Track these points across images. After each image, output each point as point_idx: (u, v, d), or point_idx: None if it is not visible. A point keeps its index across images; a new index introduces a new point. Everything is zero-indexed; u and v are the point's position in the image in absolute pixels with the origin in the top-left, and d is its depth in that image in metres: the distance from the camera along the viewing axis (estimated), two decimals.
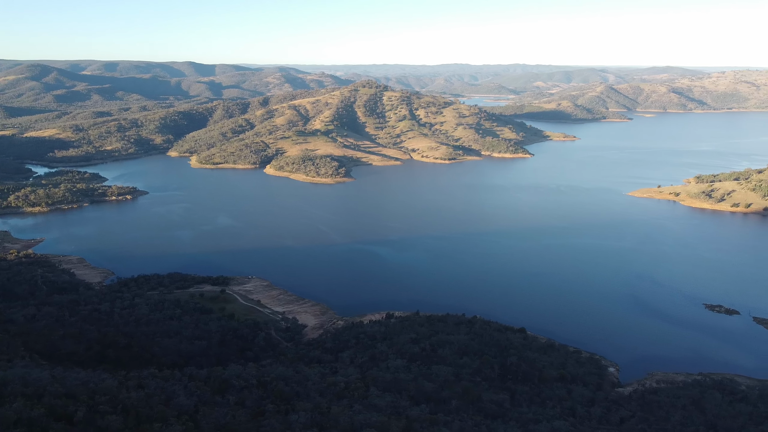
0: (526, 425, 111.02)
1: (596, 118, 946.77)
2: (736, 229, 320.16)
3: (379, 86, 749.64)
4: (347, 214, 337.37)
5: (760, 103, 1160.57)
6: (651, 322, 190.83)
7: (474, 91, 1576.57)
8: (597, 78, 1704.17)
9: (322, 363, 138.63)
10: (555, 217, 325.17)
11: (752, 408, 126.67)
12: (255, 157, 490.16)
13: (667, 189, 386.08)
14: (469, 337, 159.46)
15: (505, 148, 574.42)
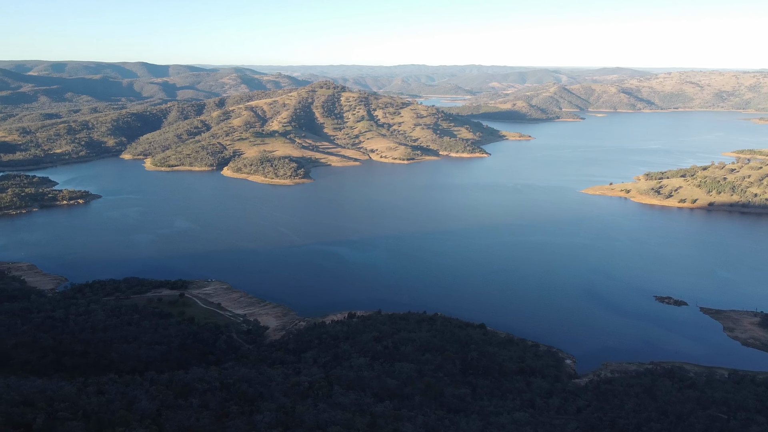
0: (488, 417, 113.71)
1: (550, 118, 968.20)
2: (683, 224, 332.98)
3: (337, 87, 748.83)
4: (307, 215, 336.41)
5: (704, 102, 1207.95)
6: (605, 315, 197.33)
7: (431, 92, 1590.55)
8: (550, 79, 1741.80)
9: (285, 364, 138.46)
10: (512, 215, 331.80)
11: (700, 393, 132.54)
12: (212, 159, 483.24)
13: (618, 186, 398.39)
14: (431, 334, 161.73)
15: (462, 148, 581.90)
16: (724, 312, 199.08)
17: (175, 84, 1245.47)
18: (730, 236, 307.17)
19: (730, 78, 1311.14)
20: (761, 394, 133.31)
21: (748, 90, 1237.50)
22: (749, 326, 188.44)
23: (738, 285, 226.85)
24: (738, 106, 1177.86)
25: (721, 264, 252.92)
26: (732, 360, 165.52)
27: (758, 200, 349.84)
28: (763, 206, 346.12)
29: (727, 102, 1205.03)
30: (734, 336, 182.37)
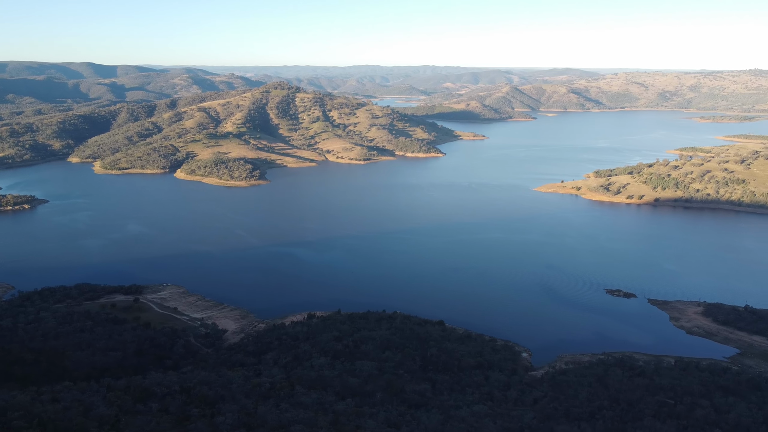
0: (448, 411, 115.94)
1: (503, 118, 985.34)
2: (631, 219, 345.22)
3: (291, 88, 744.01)
4: (263, 217, 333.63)
5: (649, 102, 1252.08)
6: (559, 309, 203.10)
7: (386, 92, 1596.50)
8: (503, 79, 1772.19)
9: (246, 366, 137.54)
10: (468, 214, 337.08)
11: (648, 381, 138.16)
12: (164, 161, 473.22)
13: (569, 184, 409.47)
14: (391, 332, 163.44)
15: (418, 148, 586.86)
16: (671, 303, 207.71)
17: (124, 85, 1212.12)
18: (674, 230, 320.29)
19: (673, 79, 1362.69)
20: (705, 379, 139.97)
21: (689, 90, 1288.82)
22: (694, 315, 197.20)
23: (683, 276, 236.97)
24: (680, 105, 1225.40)
25: (667, 257, 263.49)
26: (678, 348, 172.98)
27: (700, 195, 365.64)
28: (704, 201, 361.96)
29: (670, 102, 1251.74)
30: (680, 325, 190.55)
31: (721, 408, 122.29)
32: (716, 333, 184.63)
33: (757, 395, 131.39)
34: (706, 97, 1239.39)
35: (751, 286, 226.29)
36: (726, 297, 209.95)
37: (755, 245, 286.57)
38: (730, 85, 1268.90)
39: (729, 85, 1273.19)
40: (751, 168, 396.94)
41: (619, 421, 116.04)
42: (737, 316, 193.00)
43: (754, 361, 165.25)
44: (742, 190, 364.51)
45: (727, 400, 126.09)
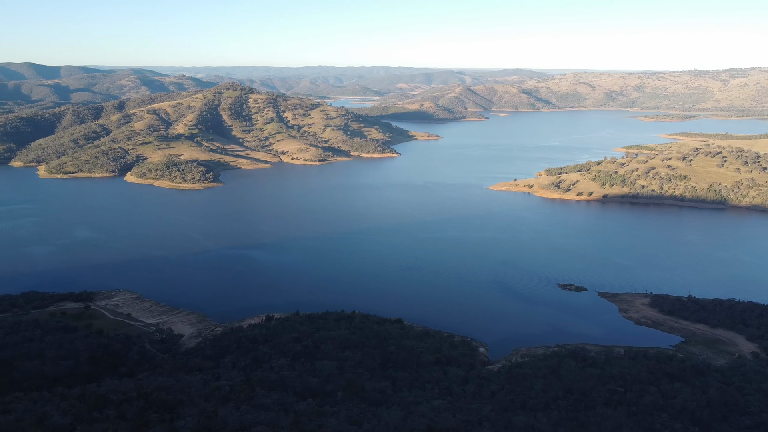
0: (408, 407, 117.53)
1: (456, 118, 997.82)
2: (581, 216, 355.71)
3: (244, 89, 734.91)
4: (218, 220, 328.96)
5: (596, 102, 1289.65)
6: (514, 304, 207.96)
7: (339, 93, 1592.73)
8: (455, 79, 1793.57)
9: (204, 370, 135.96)
10: (424, 213, 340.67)
11: (600, 371, 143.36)
12: (113, 164, 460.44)
13: (522, 182, 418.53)
14: (350, 331, 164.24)
15: (373, 149, 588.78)
16: (620, 295, 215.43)
17: (69, 86, 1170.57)
18: (622, 225, 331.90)
19: (618, 79, 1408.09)
20: (652, 367, 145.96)
21: (634, 90, 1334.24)
22: (641, 307, 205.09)
23: (631, 270, 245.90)
24: (626, 105, 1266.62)
25: (616, 251, 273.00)
26: (627, 338, 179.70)
27: (645, 191, 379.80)
28: (649, 197, 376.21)
29: (616, 101, 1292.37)
30: (628, 316, 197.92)
31: (668, 394, 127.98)
32: (662, 323, 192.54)
33: (701, 380, 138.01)
34: (650, 97, 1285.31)
35: (694, 277, 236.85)
36: (671, 288, 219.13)
37: (697, 238, 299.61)
38: (671, 86, 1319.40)
39: (671, 85, 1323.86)
40: (692, 164, 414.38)
41: (573, 410, 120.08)
42: (681, 306, 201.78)
43: (697, 348, 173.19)
44: (684, 186, 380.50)
45: (673, 386, 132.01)
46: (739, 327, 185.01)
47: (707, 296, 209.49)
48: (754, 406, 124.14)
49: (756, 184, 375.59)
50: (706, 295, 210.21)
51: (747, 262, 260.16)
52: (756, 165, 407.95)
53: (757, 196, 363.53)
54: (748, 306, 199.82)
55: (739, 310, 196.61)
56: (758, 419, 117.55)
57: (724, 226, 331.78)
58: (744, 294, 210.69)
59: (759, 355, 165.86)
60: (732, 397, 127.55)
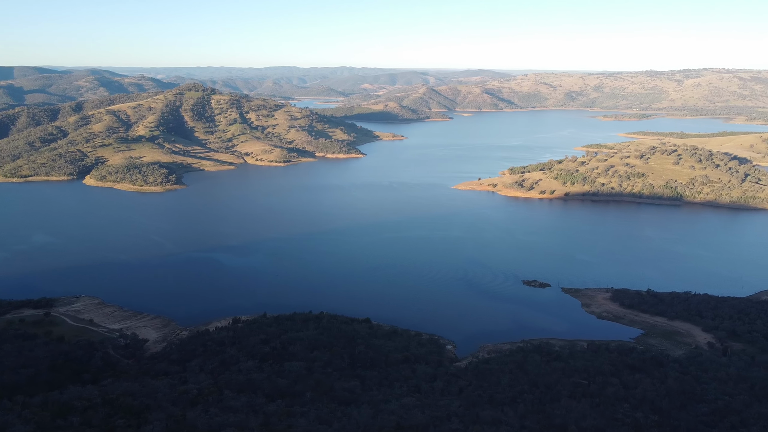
0: (378, 406, 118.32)
1: (421, 118, 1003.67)
2: (544, 213, 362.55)
3: (206, 89, 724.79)
4: (182, 223, 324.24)
5: (557, 102, 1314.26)
6: (480, 301, 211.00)
7: (304, 94, 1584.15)
8: (419, 80, 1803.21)
9: (170, 374, 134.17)
10: (390, 213, 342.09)
11: (564, 364, 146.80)
12: (71, 167, 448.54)
13: (486, 181, 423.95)
14: (318, 331, 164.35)
15: (338, 149, 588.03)
16: (582, 290, 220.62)
17: (23, 87, 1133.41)
18: (584, 222, 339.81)
19: (578, 79, 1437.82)
20: (614, 359, 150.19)
21: (593, 90, 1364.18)
22: (603, 301, 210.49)
23: (592, 265, 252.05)
24: (585, 104, 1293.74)
25: (578, 247, 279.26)
26: (590, 332, 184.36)
27: (605, 189, 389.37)
28: (609, 194, 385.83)
29: (576, 101, 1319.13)
30: (591, 311, 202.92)
31: (629, 384, 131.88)
32: (623, 316, 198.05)
33: (660, 371, 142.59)
34: (608, 97, 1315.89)
35: (652, 271, 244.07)
36: (631, 282, 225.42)
37: (655, 234, 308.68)
38: (629, 86, 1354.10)
39: (628, 85, 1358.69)
40: (650, 162, 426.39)
41: (539, 403, 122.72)
42: (641, 299, 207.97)
43: (656, 340, 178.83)
44: (642, 183, 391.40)
45: (634, 377, 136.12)
46: (696, 319, 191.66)
47: (665, 290, 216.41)
48: (710, 395, 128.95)
49: (709, 181, 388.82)
50: (664, 289, 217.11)
51: (702, 256, 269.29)
52: (709, 162, 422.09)
53: (711, 193, 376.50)
54: (703, 298, 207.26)
55: (695, 302, 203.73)
56: (714, 406, 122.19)
57: (680, 221, 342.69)
58: (699, 287, 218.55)
59: (714, 345, 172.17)
60: (689, 386, 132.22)
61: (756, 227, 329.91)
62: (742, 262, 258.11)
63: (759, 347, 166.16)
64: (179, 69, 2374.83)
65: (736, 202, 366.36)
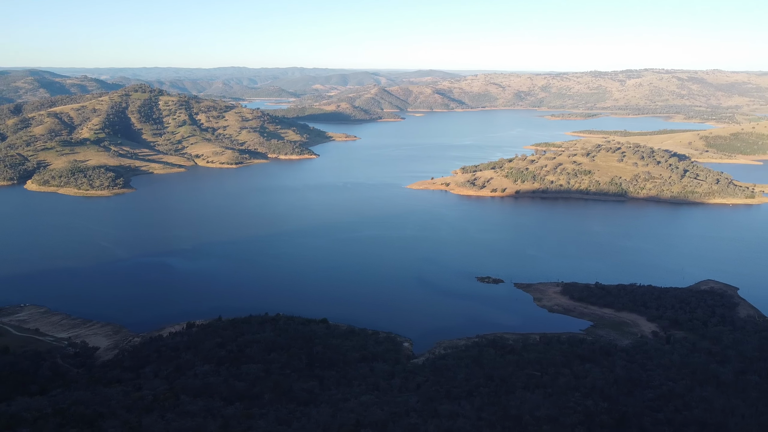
0: (337, 404, 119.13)
1: (373, 119, 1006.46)
2: (496, 211, 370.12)
3: (153, 90, 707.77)
4: (131, 227, 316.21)
5: (507, 102, 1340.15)
6: (436, 298, 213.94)
7: (254, 95, 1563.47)
8: (371, 81, 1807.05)
9: (123, 382, 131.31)
10: (344, 213, 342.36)
11: (518, 357, 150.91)
12: (11, 172, 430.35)
13: (439, 180, 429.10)
14: (275, 333, 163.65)
15: (291, 150, 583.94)
16: (534, 285, 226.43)
17: None
18: (534, 219, 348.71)
19: (526, 80, 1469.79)
20: (565, 350, 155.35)
21: (541, 90, 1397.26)
22: (553, 295, 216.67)
23: (543, 260, 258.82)
24: (534, 104, 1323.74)
25: (529, 244, 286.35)
26: (542, 325, 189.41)
27: (554, 186, 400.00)
28: (558, 191, 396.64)
29: (525, 101, 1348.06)
30: (542, 305, 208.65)
31: (580, 374, 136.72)
32: (573, 309, 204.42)
33: (608, 360, 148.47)
34: (556, 97, 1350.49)
35: (600, 264, 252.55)
36: (580, 276, 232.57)
37: (602, 228, 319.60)
38: (574, 86, 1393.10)
39: (574, 85, 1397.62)
40: (595, 160, 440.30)
41: (494, 396, 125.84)
42: (589, 292, 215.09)
43: (604, 331, 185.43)
44: (589, 180, 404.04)
45: (584, 367, 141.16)
46: (641, 309, 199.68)
47: (612, 282, 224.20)
48: (655, 381, 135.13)
49: (651, 177, 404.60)
50: (611, 281, 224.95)
51: (646, 249, 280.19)
52: (651, 159, 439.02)
53: (653, 188, 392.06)
54: (647, 289, 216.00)
55: (640, 293, 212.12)
56: (659, 392, 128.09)
57: (625, 216, 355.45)
58: (644, 278, 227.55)
59: (658, 334, 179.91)
60: (636, 374, 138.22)
61: (695, 220, 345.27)
62: (683, 254, 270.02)
63: (699, 334, 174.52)
64: (124, 69, 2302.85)
65: (676, 197, 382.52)
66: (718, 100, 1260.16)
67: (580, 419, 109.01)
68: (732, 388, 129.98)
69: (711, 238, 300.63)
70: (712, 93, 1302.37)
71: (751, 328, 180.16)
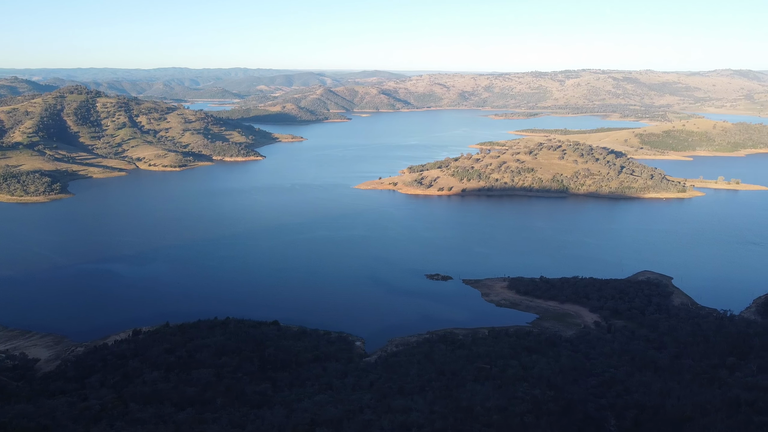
0: (291, 405, 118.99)
1: (319, 119, 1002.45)
2: (444, 209, 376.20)
3: (90, 92, 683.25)
4: (71, 234, 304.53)
5: (451, 102, 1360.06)
6: (387, 297, 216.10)
7: (197, 96, 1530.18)
8: (316, 81, 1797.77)
9: (68, 392, 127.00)
10: (293, 214, 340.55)
11: (468, 351, 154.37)
12: None
13: (387, 180, 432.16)
14: (226, 337, 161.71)
15: (236, 152, 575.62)
16: (481, 281, 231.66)
17: None
18: (480, 216, 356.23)
19: (470, 80, 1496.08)
20: (513, 343, 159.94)
21: (484, 90, 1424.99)
22: (501, 290, 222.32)
23: (490, 257, 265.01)
24: (477, 104, 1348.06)
25: (476, 240, 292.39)
26: (490, 319, 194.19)
27: (499, 184, 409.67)
28: (503, 189, 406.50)
29: (469, 101, 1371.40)
30: (490, 300, 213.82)
31: (527, 365, 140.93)
32: (519, 303, 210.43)
33: (554, 350, 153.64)
34: (499, 97, 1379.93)
35: (544, 259, 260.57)
36: (525, 271, 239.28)
37: (545, 224, 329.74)
38: (516, 86, 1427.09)
39: (516, 85, 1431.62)
40: (538, 158, 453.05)
41: (446, 389, 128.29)
42: (535, 286, 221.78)
43: (550, 323, 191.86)
44: (532, 178, 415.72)
45: (531, 358, 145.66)
46: (583, 300, 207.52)
47: (556, 276, 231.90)
48: (597, 369, 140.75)
49: (591, 174, 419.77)
50: (555, 275, 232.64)
51: (587, 243, 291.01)
52: (590, 156, 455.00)
53: (592, 184, 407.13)
54: (589, 281, 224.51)
55: (582, 285, 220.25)
56: (602, 379, 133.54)
57: (567, 212, 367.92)
58: (586, 271, 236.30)
59: (600, 324, 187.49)
60: (580, 363, 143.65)
61: (632, 214, 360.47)
62: (621, 247, 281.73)
63: (637, 323, 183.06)
64: (58, 70, 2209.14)
65: (614, 193, 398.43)
66: (651, 99, 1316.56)
67: (528, 408, 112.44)
68: (668, 372, 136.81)
69: (647, 231, 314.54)
70: (646, 92, 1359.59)
71: (685, 315, 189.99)
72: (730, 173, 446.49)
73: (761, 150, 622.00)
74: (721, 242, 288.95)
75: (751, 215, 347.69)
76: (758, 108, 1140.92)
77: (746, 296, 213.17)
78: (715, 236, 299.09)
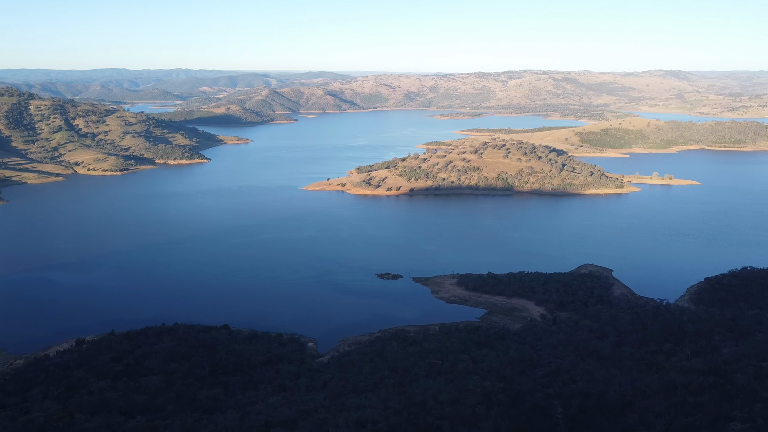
0: (244, 408, 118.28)
1: (265, 121, 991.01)
2: (392, 209, 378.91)
3: (22, 94, 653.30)
4: (5, 242, 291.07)
5: (397, 102, 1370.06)
6: (338, 297, 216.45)
7: (137, 98, 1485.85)
8: (261, 82, 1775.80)
9: (8, 407, 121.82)
10: (240, 217, 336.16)
11: (419, 348, 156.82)
12: None
13: (335, 181, 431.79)
14: (175, 343, 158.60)
15: (180, 155, 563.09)
16: (431, 278, 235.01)
17: None
18: (429, 215, 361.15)
19: (415, 81, 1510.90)
20: (463, 338, 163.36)
21: (429, 91, 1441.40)
22: (450, 287, 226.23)
23: (439, 254, 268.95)
24: (423, 104, 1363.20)
25: (425, 239, 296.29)
26: (440, 316, 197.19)
27: (446, 183, 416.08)
28: (450, 188, 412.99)
29: (414, 101, 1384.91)
30: (440, 297, 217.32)
31: (478, 359, 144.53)
32: (469, 299, 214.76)
33: (503, 343, 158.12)
34: (444, 97, 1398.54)
35: (491, 255, 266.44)
36: (473, 267, 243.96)
37: (491, 221, 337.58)
38: (461, 86, 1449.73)
39: (460, 86, 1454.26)
40: (483, 157, 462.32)
41: (399, 386, 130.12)
42: (483, 282, 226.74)
43: (498, 317, 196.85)
44: (478, 176, 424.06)
45: (481, 352, 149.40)
46: (530, 294, 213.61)
47: (503, 271, 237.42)
48: (544, 359, 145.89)
49: (534, 172, 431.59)
50: (502, 270, 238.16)
51: (532, 238, 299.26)
52: (533, 155, 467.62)
53: (536, 182, 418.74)
54: (535, 276, 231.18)
55: (528, 280, 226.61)
56: (549, 369, 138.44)
57: (512, 209, 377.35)
58: (531, 266, 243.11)
59: (546, 317, 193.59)
60: (528, 354, 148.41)
61: (574, 210, 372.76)
62: (564, 242, 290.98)
63: (580, 314, 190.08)
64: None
65: (556, 189, 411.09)
66: (590, 98, 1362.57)
67: (479, 399, 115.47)
68: (610, 360, 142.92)
69: (588, 225, 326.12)
70: (584, 92, 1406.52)
71: (625, 305, 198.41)
72: (664, 169, 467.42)
73: (692, 147, 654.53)
74: (657, 235, 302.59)
75: (683, 209, 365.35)
76: (688, 107, 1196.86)
77: (680, 285, 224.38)
78: (651, 229, 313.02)
